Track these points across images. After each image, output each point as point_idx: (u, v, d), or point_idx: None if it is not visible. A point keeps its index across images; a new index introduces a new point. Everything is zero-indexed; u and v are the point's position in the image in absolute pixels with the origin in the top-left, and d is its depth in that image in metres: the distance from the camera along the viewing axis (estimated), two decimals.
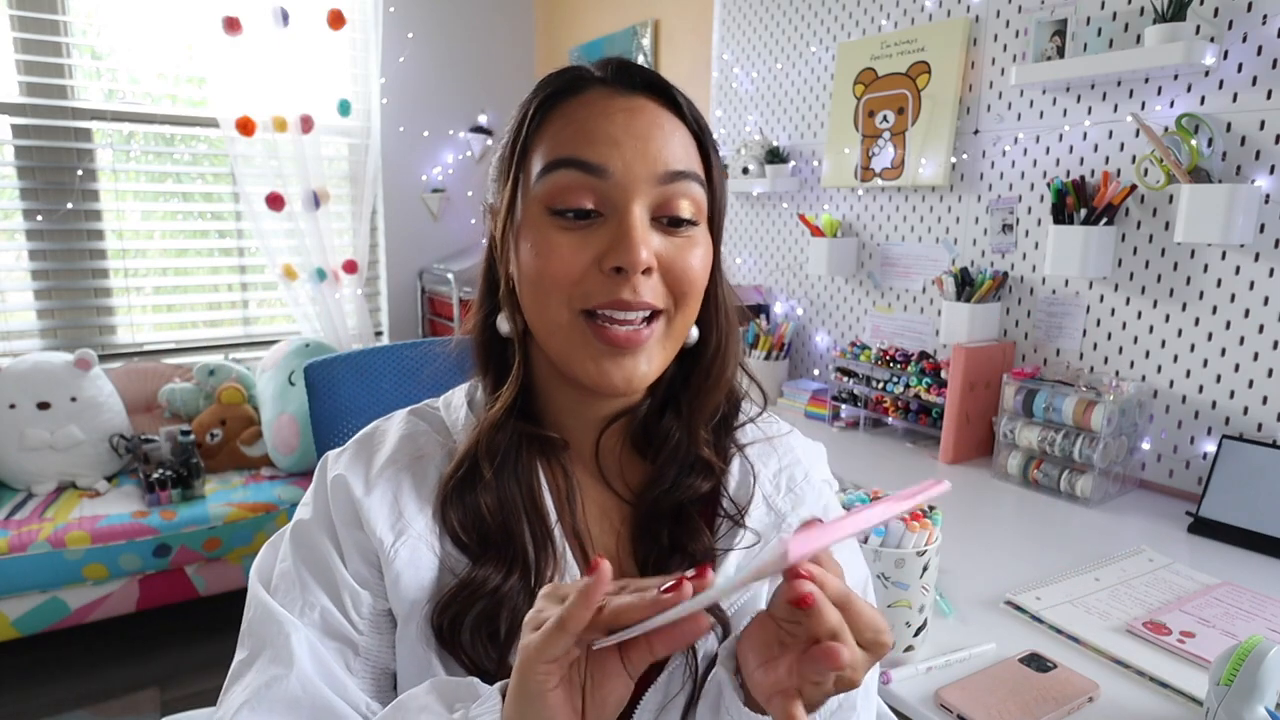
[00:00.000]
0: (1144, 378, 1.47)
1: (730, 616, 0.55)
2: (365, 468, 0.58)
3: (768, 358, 2.10)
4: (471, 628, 0.52)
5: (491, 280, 0.61)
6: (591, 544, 0.58)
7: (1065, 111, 1.54)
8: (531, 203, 0.54)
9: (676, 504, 0.58)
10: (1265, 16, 1.25)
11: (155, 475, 2.20)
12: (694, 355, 0.61)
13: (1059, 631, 0.93)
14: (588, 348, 0.53)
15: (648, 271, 0.52)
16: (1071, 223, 1.48)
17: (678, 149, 0.54)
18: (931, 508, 0.88)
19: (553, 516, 0.57)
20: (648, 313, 0.53)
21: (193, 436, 2.34)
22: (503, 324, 0.59)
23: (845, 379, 1.89)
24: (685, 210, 0.54)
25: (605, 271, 0.52)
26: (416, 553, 0.55)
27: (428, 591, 0.55)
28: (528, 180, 0.55)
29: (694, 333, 0.59)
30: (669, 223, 0.54)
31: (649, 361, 0.55)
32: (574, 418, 0.60)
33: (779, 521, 0.60)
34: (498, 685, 0.46)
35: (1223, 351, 1.35)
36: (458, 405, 0.63)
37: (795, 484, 0.63)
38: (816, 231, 2.00)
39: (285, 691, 0.51)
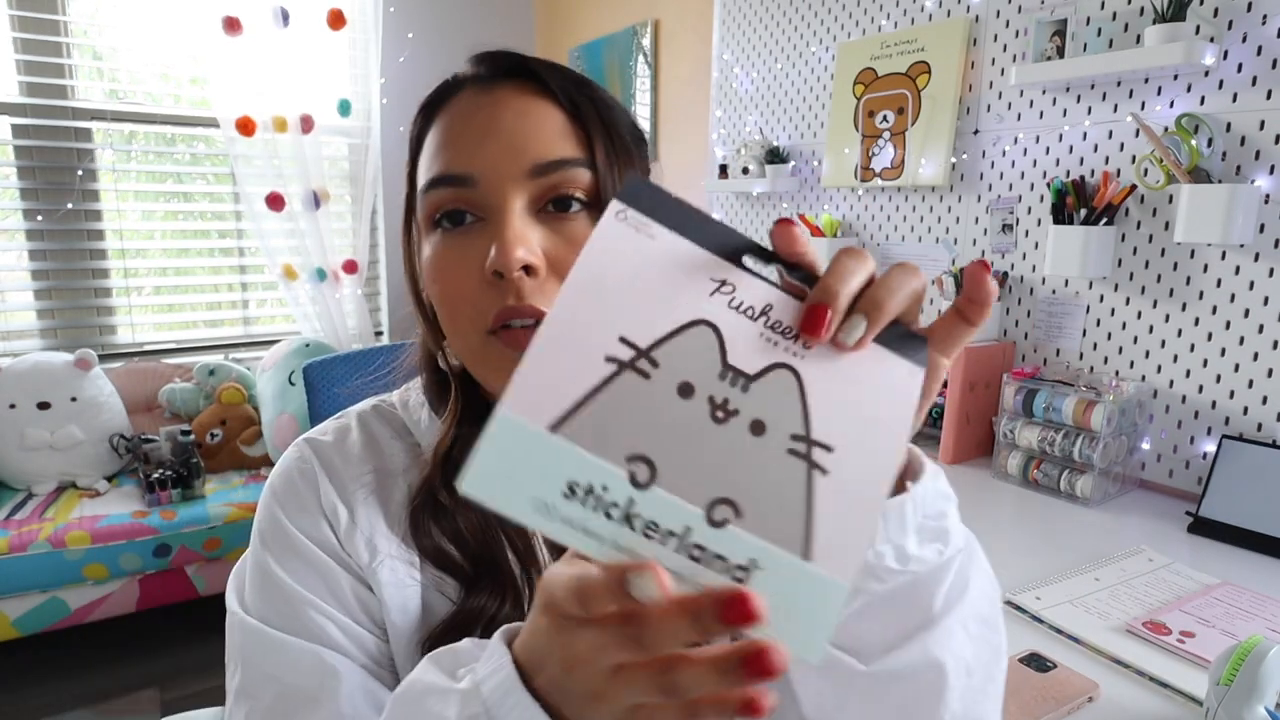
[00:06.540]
0: (1144, 378, 1.47)
1: None
2: (328, 481, 0.56)
3: None
4: None
5: (423, 312, 0.58)
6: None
7: (1065, 111, 1.54)
8: (421, 225, 0.53)
9: None
10: (1265, 16, 1.25)
11: (155, 475, 2.20)
12: None
13: (1059, 631, 0.93)
14: (502, 361, 0.49)
15: (530, 271, 0.48)
16: (1071, 223, 1.48)
17: (549, 137, 0.50)
18: None
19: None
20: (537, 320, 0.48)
21: (193, 436, 2.34)
22: (449, 359, 0.57)
23: None
24: (571, 191, 0.50)
25: (490, 281, 0.48)
26: (396, 573, 0.53)
27: (413, 616, 0.53)
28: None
29: None
30: (556, 206, 0.50)
31: None
32: None
33: None
34: (500, 634, 0.37)
35: (1223, 351, 1.35)
36: (416, 405, 0.60)
37: None
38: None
39: None
